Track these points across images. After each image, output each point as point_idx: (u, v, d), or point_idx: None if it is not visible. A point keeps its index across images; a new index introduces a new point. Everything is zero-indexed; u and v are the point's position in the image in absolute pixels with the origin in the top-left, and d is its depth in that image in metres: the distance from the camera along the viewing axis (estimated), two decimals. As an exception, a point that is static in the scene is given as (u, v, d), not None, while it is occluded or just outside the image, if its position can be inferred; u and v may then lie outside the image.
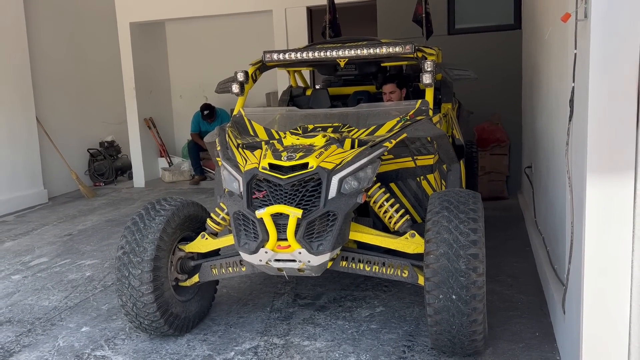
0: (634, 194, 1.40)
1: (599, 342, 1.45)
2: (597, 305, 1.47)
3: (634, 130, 1.41)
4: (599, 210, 1.47)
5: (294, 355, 3.09)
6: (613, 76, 1.39)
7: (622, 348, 1.44)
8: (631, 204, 1.41)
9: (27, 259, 5.17)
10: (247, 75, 4.04)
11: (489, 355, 3.00)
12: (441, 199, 2.96)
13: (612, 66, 1.39)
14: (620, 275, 1.44)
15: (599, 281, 1.49)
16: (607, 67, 1.40)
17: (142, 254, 3.12)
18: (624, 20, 1.35)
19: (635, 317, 1.42)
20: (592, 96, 1.45)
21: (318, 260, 2.89)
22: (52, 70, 8.21)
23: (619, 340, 1.41)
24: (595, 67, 1.42)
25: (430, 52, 4.05)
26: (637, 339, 1.41)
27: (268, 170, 2.98)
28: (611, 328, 1.43)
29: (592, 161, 1.47)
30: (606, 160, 1.43)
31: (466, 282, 2.66)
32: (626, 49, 1.36)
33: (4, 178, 7.22)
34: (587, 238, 1.48)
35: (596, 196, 1.47)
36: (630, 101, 1.41)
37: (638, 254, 1.40)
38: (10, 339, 3.49)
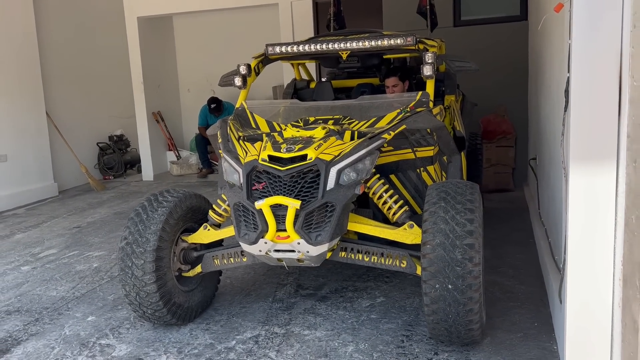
0: (616, 181, 1.42)
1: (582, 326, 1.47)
2: (580, 289, 1.49)
3: (615, 118, 1.43)
4: (582, 197, 1.49)
5: (294, 344, 3.14)
6: (595, 66, 1.41)
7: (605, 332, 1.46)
8: (614, 191, 1.42)
9: (36, 251, 5.26)
10: (250, 68, 4.07)
11: (487, 345, 3.02)
12: (439, 190, 2.98)
13: (594, 56, 1.40)
14: (604, 261, 1.46)
15: (583, 267, 1.50)
16: (589, 57, 1.41)
17: (144, 244, 3.17)
18: (606, 10, 1.36)
19: (617, 300, 1.44)
20: (574, 85, 1.46)
21: (317, 250, 2.92)
22: (61, 65, 8.30)
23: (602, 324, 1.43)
24: (578, 56, 1.44)
25: (432, 44, 4.05)
26: (619, 323, 1.43)
27: (267, 162, 3.01)
28: (593, 312, 1.45)
29: (576, 149, 1.49)
30: (589, 148, 1.45)
31: (462, 271, 2.68)
32: (608, 38, 1.37)
33: (15, 172, 7.34)
34: (570, 224, 1.49)
35: (580, 183, 1.49)
36: (613, 90, 1.42)
37: (620, 240, 1.42)
38: (18, 327, 3.57)
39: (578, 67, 1.46)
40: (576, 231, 1.48)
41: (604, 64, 1.40)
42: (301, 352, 3.05)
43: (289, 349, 3.08)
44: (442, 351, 2.99)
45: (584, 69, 1.45)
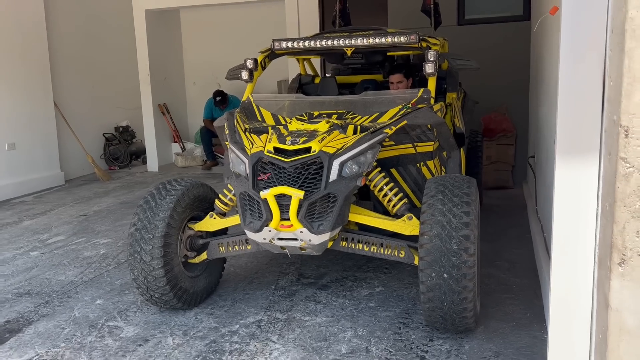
0: (598, 175, 1.53)
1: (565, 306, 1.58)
2: (563, 273, 1.59)
3: (599, 115, 1.54)
4: (567, 188, 1.59)
5: (295, 328, 3.26)
6: (581, 66, 1.51)
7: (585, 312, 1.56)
8: (596, 183, 1.53)
9: (44, 237, 5.39)
10: (256, 62, 4.18)
11: (480, 333, 3.14)
12: (437, 184, 3.09)
13: (580, 57, 1.51)
14: (586, 246, 1.56)
15: (566, 252, 1.60)
16: (576, 58, 1.52)
17: (153, 230, 3.29)
18: (592, 14, 1.47)
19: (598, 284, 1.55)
20: (562, 84, 1.57)
21: (318, 239, 3.04)
22: (69, 56, 8.41)
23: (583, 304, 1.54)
24: (565, 57, 1.54)
25: (435, 42, 4.16)
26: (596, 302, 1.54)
27: (273, 154, 3.13)
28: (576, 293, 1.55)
29: (562, 143, 1.60)
30: (574, 143, 1.56)
31: (457, 261, 2.80)
32: (593, 41, 1.48)
33: (23, 160, 7.47)
34: (555, 213, 1.60)
35: (565, 175, 1.59)
36: (597, 89, 1.53)
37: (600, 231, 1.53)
38: (29, 309, 3.70)
39: (565, 67, 1.56)
40: (561, 219, 1.59)
41: (589, 65, 1.50)
42: (302, 336, 3.17)
43: (290, 333, 3.21)
44: (437, 338, 3.11)
45: (570, 69, 1.55)
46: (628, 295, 1.22)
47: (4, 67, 7.17)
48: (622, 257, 1.21)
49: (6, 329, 3.42)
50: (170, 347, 3.11)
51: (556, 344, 1.47)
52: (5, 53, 7.18)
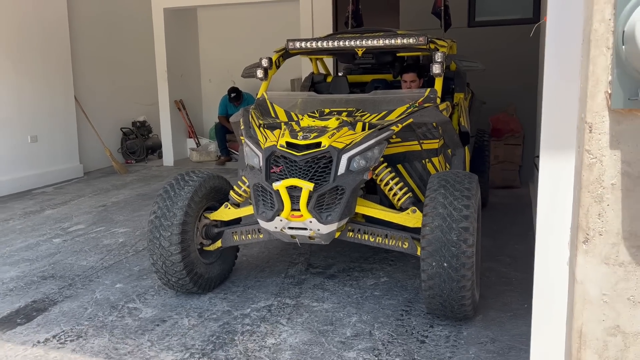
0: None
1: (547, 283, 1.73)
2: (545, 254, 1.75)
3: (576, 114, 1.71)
4: (548, 182, 1.76)
5: (303, 313, 3.46)
6: (563, 69, 1.68)
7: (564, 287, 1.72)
8: (572, 176, 1.70)
9: (65, 225, 5.64)
10: (271, 61, 4.37)
11: (479, 321, 3.32)
12: (440, 179, 3.27)
13: (559, 60, 1.68)
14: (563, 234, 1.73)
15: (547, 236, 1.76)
16: (556, 61, 1.69)
17: (172, 218, 3.50)
18: (569, 23, 1.64)
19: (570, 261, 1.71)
20: (545, 85, 1.74)
21: (326, 229, 3.23)
22: (90, 53, 8.67)
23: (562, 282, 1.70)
24: (548, 60, 1.71)
25: (443, 44, 4.32)
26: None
27: (285, 148, 3.32)
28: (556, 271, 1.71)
29: (544, 140, 1.77)
30: (555, 139, 1.73)
31: (457, 251, 2.97)
32: (570, 47, 1.64)
33: (45, 152, 7.74)
34: (539, 204, 1.77)
35: (547, 170, 1.76)
36: (574, 90, 1.69)
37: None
38: (53, 290, 3.94)
39: (548, 72, 1.72)
40: (543, 207, 1.74)
41: (567, 70, 1.66)
42: (309, 320, 3.37)
43: (298, 317, 3.40)
44: (437, 325, 3.28)
45: (552, 74, 1.72)
46: (590, 269, 1.39)
47: (28, 63, 7.44)
48: (586, 236, 1.37)
49: (33, 308, 3.66)
50: (186, 327, 3.32)
51: (538, 315, 1.65)
52: (29, 50, 7.45)
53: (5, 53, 7.14)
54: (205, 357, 2.96)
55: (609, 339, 1.40)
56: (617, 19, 1.25)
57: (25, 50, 7.39)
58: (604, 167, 1.34)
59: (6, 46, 7.14)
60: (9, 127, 7.25)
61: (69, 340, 3.19)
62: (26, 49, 7.41)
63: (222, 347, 3.07)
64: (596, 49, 1.31)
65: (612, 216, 1.35)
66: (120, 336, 3.22)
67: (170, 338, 3.18)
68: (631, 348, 1.38)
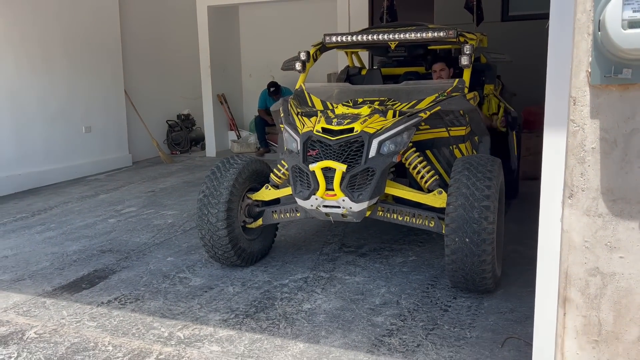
0: (565, 163, 1.91)
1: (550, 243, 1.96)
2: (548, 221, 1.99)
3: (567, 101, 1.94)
4: (550, 151, 1.98)
5: (336, 284, 3.78)
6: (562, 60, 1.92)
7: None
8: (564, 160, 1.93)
9: (119, 208, 6.12)
10: (309, 54, 4.69)
11: (500, 295, 3.56)
12: (464, 162, 3.52)
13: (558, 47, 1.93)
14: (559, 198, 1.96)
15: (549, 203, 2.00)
16: (557, 48, 1.94)
17: (218, 197, 3.87)
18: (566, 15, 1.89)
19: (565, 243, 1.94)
20: (549, 66, 1.98)
21: (358, 207, 3.53)
22: (139, 50, 9.20)
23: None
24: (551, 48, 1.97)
25: (471, 37, 4.55)
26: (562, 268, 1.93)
27: (321, 133, 3.64)
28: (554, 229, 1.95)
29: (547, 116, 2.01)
30: (554, 115, 1.97)
31: (478, 228, 3.23)
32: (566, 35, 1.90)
33: (97, 142, 8.30)
34: (543, 171, 2.00)
35: (549, 141, 1.98)
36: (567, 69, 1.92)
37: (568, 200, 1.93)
38: (112, 262, 4.37)
39: (550, 57, 1.98)
40: (546, 173, 1.96)
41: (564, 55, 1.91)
42: (342, 290, 3.68)
43: (332, 288, 3.72)
44: (460, 297, 3.55)
45: (553, 58, 1.96)
46: (574, 220, 1.63)
47: (83, 59, 8.00)
48: (571, 192, 1.62)
49: (95, 275, 4.10)
50: (231, 293, 3.69)
51: (540, 261, 1.89)
52: (84, 48, 8.01)
53: (63, 51, 7.70)
54: (249, 318, 3.31)
55: (590, 279, 1.65)
56: (595, 10, 1.50)
57: (80, 49, 7.95)
58: (586, 134, 1.60)
59: (63, 45, 7.71)
60: (66, 118, 7.82)
61: (129, 302, 3.60)
62: (81, 47, 7.97)
63: (264, 310, 3.41)
64: (579, 35, 1.57)
65: (592, 175, 1.60)
66: (173, 300, 3.61)
67: (217, 302, 3.55)
68: (608, 286, 1.63)
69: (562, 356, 1.76)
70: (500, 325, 3.17)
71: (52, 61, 7.56)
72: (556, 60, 1.97)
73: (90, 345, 3.05)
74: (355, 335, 3.07)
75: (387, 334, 3.09)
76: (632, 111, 1.55)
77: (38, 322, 3.33)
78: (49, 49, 7.50)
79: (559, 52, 1.90)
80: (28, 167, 7.23)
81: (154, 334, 3.14)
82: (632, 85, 1.54)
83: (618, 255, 1.62)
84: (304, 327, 3.17)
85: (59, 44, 7.65)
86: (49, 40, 7.50)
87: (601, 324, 1.67)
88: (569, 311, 1.72)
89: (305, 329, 3.16)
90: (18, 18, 7.04)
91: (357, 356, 2.85)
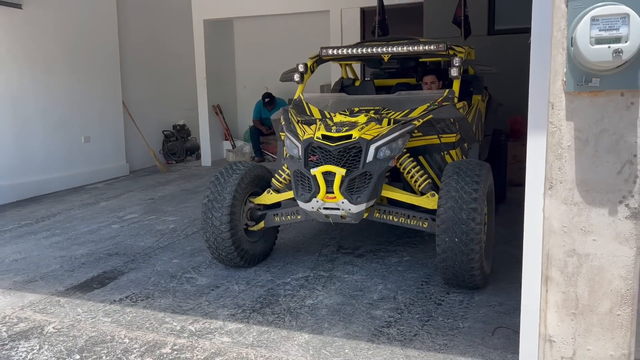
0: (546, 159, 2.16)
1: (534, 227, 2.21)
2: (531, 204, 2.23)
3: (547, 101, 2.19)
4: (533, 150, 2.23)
5: (336, 282, 4.00)
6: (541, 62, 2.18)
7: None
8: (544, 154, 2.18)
9: (121, 214, 6.30)
10: (307, 66, 4.94)
11: (490, 290, 3.81)
12: (454, 167, 3.78)
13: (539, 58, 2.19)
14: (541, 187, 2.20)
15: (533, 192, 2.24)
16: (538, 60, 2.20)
17: (222, 201, 4.08)
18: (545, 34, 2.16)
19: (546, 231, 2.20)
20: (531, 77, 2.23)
21: (356, 209, 3.76)
22: (137, 62, 9.43)
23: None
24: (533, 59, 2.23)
25: (460, 50, 4.83)
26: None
27: (321, 140, 3.87)
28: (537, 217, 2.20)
29: (531, 120, 2.27)
30: (536, 119, 2.23)
31: (466, 229, 3.46)
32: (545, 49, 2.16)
33: (96, 152, 8.49)
34: (527, 166, 2.23)
35: (532, 142, 2.24)
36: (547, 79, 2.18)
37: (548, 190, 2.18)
38: (119, 264, 4.56)
39: (533, 69, 2.24)
40: (530, 168, 2.19)
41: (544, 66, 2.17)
42: (341, 287, 3.91)
43: (332, 285, 3.95)
44: (452, 292, 3.79)
45: (535, 69, 2.23)
46: (554, 208, 1.88)
47: (82, 71, 8.21)
48: (551, 184, 1.87)
49: (105, 276, 4.28)
50: (236, 291, 3.90)
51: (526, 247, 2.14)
52: (84, 59, 8.22)
53: (63, 64, 7.91)
54: (255, 313, 3.53)
55: (567, 259, 1.89)
56: (568, 29, 1.76)
57: (80, 60, 8.16)
58: (562, 134, 1.85)
59: (64, 56, 7.92)
60: (66, 128, 8.00)
61: (140, 300, 3.79)
62: (81, 58, 8.18)
63: (269, 306, 3.63)
64: (555, 49, 1.83)
65: (568, 169, 1.85)
66: (182, 297, 3.81)
67: (224, 299, 3.76)
68: (583, 265, 1.87)
69: (545, 327, 2.00)
70: (490, 316, 3.41)
71: (52, 73, 7.76)
72: (537, 71, 2.23)
73: (107, 338, 3.24)
74: (356, 327, 3.30)
75: (386, 325, 3.31)
76: (601, 114, 1.81)
77: (55, 319, 3.52)
78: (49, 61, 7.70)
79: (539, 64, 2.15)
80: (29, 176, 7.40)
81: (167, 328, 3.34)
82: (600, 92, 1.80)
83: (591, 238, 1.87)
84: (307, 320, 3.39)
85: (60, 57, 7.85)
86: (50, 52, 7.70)
87: (578, 299, 1.91)
88: (550, 288, 1.96)
89: (309, 321, 3.38)
90: (20, 31, 7.25)
91: (358, 345, 3.08)
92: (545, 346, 1.99)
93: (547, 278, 1.97)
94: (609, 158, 1.83)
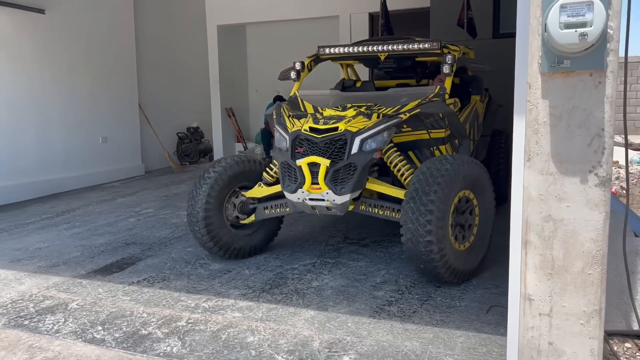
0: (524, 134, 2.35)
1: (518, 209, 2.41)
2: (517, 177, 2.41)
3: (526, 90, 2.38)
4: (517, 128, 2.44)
5: (341, 267, 4.22)
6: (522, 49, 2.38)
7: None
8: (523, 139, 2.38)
9: (137, 209, 6.57)
10: (303, 65, 5.05)
11: (488, 276, 3.99)
12: (427, 163, 3.81)
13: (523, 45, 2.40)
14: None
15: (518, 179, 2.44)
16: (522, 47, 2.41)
17: (197, 215, 4.23)
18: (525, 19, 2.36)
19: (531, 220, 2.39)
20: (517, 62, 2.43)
21: (340, 199, 3.85)
22: (153, 66, 9.76)
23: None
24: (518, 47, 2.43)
25: (454, 48, 4.95)
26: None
27: (308, 132, 3.98)
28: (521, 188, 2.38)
29: (516, 104, 2.48)
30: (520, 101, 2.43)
31: (424, 220, 3.51)
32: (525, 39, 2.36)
33: (113, 152, 8.80)
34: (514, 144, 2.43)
35: (516, 122, 2.45)
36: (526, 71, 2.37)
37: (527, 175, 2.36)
38: (137, 252, 4.81)
39: (518, 55, 2.43)
40: (515, 146, 2.40)
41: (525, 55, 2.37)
42: (346, 272, 4.12)
43: (337, 270, 4.16)
44: (451, 276, 3.98)
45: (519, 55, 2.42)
46: (532, 179, 2.08)
47: (101, 74, 8.54)
48: (529, 157, 2.07)
49: (123, 262, 4.54)
50: (247, 275, 4.13)
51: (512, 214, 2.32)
52: (102, 63, 8.56)
53: (84, 67, 8.25)
54: (265, 293, 3.75)
55: (544, 224, 2.09)
56: (542, 16, 1.97)
57: (99, 63, 8.50)
58: (539, 111, 2.05)
59: (84, 59, 8.25)
60: (85, 129, 8.33)
61: (156, 282, 4.04)
62: (100, 62, 8.52)
63: (278, 287, 3.85)
64: (532, 35, 2.04)
65: (544, 142, 2.06)
66: (196, 279, 4.05)
67: (236, 281, 3.99)
68: (558, 229, 2.07)
69: (525, 287, 2.20)
70: (486, 297, 3.61)
71: (73, 76, 8.10)
72: (520, 56, 2.42)
73: (127, 313, 3.48)
74: (358, 305, 3.51)
75: (387, 304, 3.52)
76: (572, 92, 2.02)
77: (78, 297, 3.77)
78: (70, 64, 8.04)
79: (521, 50, 2.35)
80: (49, 174, 7.71)
81: (182, 305, 3.58)
82: (571, 72, 2.01)
83: (565, 205, 2.07)
84: (313, 299, 3.61)
85: (80, 60, 8.19)
86: (71, 56, 8.04)
87: (554, 260, 2.11)
88: (529, 251, 2.16)
89: (315, 300, 3.59)
90: (43, 36, 7.59)
91: (360, 319, 3.29)
92: (525, 304, 2.19)
93: (526, 242, 2.18)
94: (580, 132, 2.03)
